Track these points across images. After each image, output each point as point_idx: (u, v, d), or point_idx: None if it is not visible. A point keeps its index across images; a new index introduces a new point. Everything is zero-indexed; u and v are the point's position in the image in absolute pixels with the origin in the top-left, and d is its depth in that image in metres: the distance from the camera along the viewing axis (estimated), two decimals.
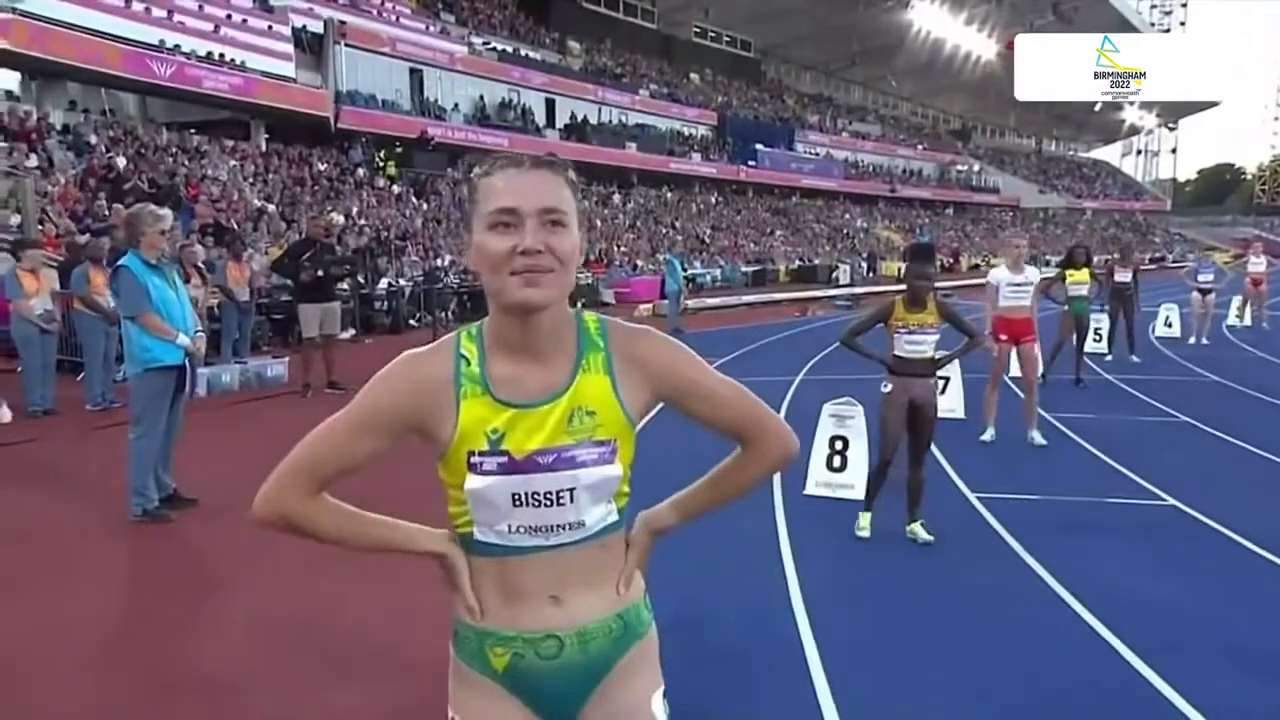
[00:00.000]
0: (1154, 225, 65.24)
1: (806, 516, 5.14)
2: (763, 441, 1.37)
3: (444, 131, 27.87)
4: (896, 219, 47.87)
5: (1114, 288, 11.05)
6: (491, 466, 1.22)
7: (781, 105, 48.23)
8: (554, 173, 1.24)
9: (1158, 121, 69.02)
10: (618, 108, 36.79)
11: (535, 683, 1.29)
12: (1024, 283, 6.80)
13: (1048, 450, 6.76)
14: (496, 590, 1.29)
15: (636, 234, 29.96)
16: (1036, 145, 67.90)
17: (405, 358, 1.29)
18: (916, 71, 53.27)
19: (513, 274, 1.19)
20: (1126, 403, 8.85)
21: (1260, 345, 13.21)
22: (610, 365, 1.27)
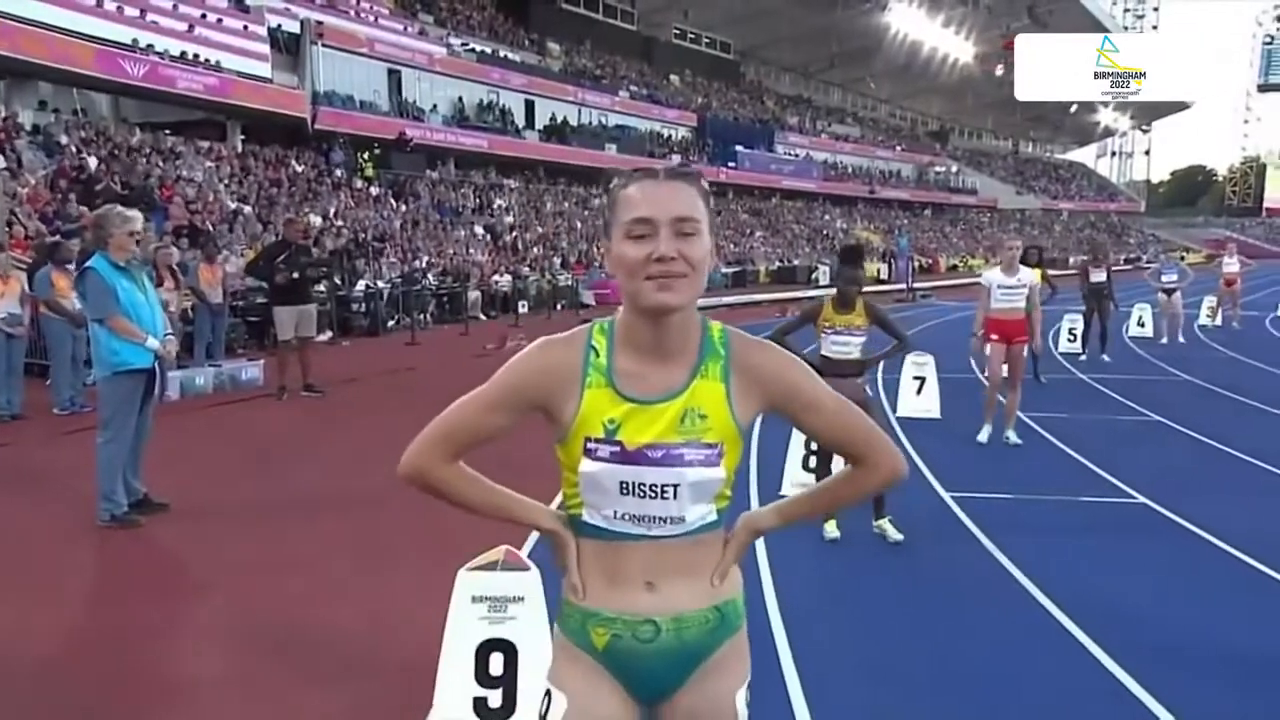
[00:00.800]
0: (1129, 226, 65.99)
1: None
2: (870, 460, 1.42)
3: (423, 133, 27.72)
4: (876, 220, 48.11)
5: (1089, 288, 11.16)
6: (605, 454, 1.30)
7: (761, 107, 48.37)
8: (687, 183, 1.32)
9: (1131, 123, 69.83)
10: (597, 109, 36.73)
11: (632, 663, 1.36)
12: (1016, 285, 6.82)
13: (1022, 449, 6.81)
14: (599, 572, 1.37)
15: None
16: (1013, 147, 68.51)
17: (542, 342, 1.38)
18: (894, 73, 53.61)
19: (648, 279, 1.26)
20: (1099, 402, 8.95)
21: (1231, 345, 13.41)
22: (727, 373, 1.34)
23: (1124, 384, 9.80)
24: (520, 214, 28.16)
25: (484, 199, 27.88)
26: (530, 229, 27.06)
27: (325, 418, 8.02)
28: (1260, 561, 4.36)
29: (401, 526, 4.86)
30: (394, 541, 4.74)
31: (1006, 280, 6.83)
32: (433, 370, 11.07)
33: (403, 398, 9.03)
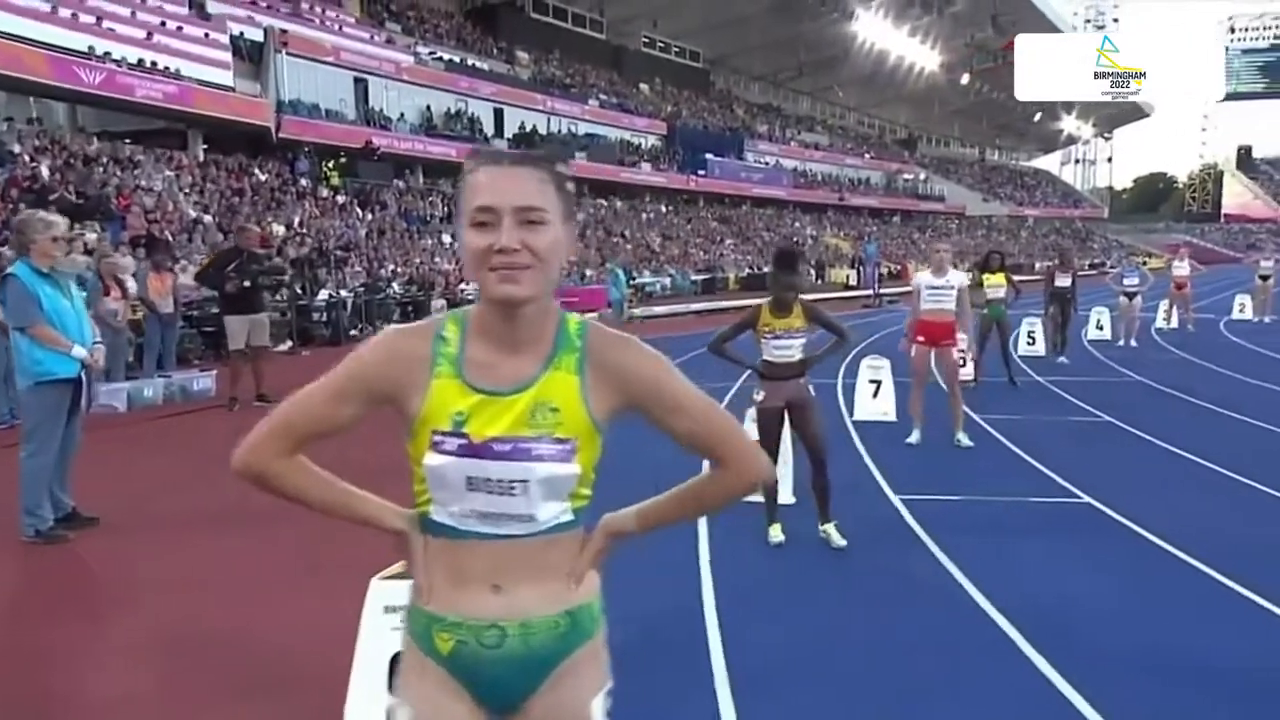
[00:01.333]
0: (1093, 232, 67.02)
1: (731, 521, 5.06)
2: (733, 465, 1.37)
3: (390, 141, 27.57)
4: (845, 227, 48.45)
5: (1054, 291, 11.24)
6: (451, 447, 1.25)
7: (731, 115, 48.61)
8: (536, 169, 1.26)
9: (1094, 131, 71.06)
10: (567, 117, 36.75)
11: (478, 670, 1.30)
12: (945, 286, 6.85)
13: (973, 451, 6.81)
14: (446, 574, 1.31)
15: (585, 243, 29.87)
16: (980, 155, 69.40)
17: (389, 331, 1.34)
18: (862, 82, 54.18)
19: (491, 270, 1.22)
20: (1053, 403, 8.99)
21: (1184, 347, 13.57)
22: (582, 367, 1.30)
23: (1079, 385, 9.87)
24: None
25: (452, 208, 27.61)
26: None
27: None
28: (1201, 561, 4.35)
29: (335, 536, 4.75)
30: (324, 552, 4.62)
31: (935, 281, 6.84)
32: None
33: None
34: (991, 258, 10.01)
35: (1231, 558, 4.34)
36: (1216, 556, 4.36)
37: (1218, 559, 4.33)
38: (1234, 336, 15.18)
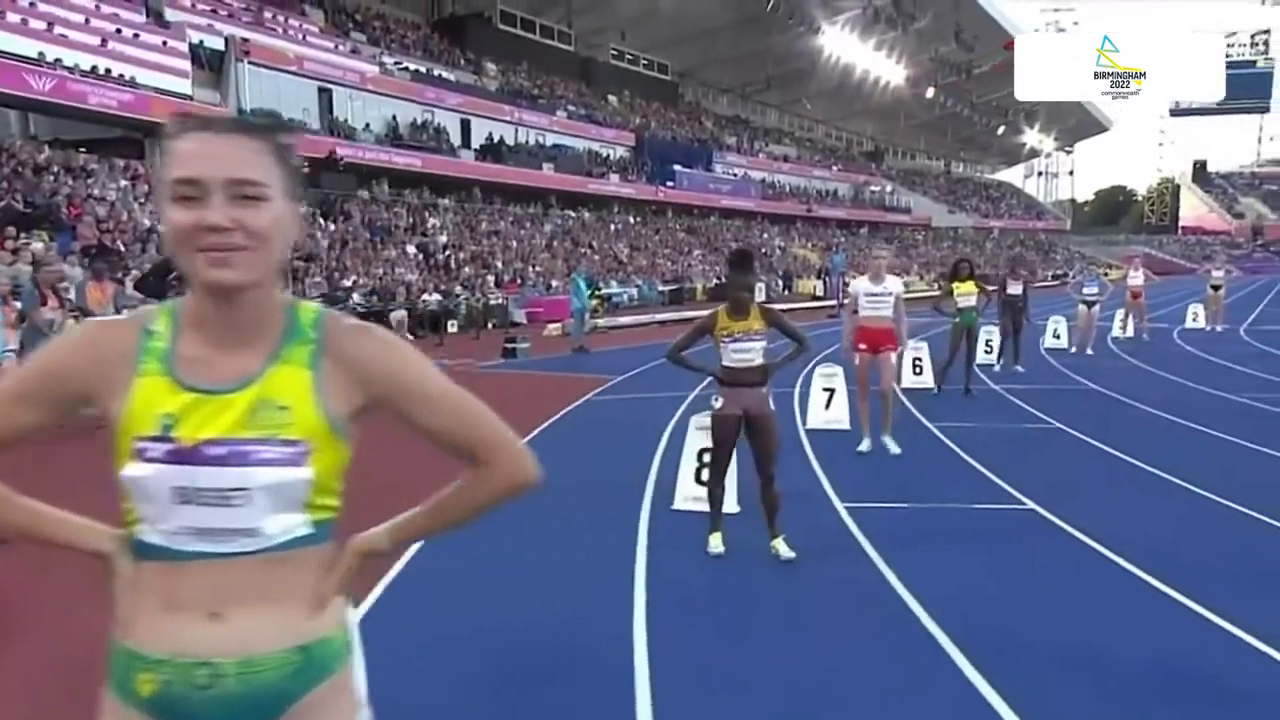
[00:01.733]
0: (1055, 244, 67.99)
1: (671, 533, 5.00)
2: (492, 464, 1.24)
3: (354, 152, 27.27)
4: (813, 238, 48.73)
5: (1004, 300, 11.30)
6: (157, 454, 1.09)
7: (699, 127, 48.78)
8: (252, 138, 1.11)
9: (1055, 145, 72.25)
10: (535, 128, 36.62)
11: (188, 715, 1.11)
12: (882, 293, 6.85)
13: (922, 458, 6.79)
14: (158, 603, 1.13)
15: (553, 254, 29.78)
16: (945, 167, 70.27)
17: (88, 323, 1.19)
18: (829, 95, 54.65)
19: (199, 251, 1.07)
20: (1006, 411, 9.02)
21: (1138, 355, 13.74)
22: (317, 361, 1.15)
23: (1033, 393, 9.92)
24: (454, 233, 27.84)
25: (417, 218, 27.50)
26: (464, 248, 26.76)
27: None
28: (1139, 567, 4.34)
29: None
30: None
31: (873, 289, 6.86)
32: None
33: None
34: (960, 266, 10.03)
35: (1169, 563, 4.33)
36: (1154, 562, 4.35)
37: (1155, 564, 4.32)
38: (1186, 345, 15.40)
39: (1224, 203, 73.27)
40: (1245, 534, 4.98)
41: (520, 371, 12.78)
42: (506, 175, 33.00)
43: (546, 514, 5.34)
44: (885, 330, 6.87)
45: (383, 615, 3.77)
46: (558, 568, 4.45)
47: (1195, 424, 8.08)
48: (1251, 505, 5.34)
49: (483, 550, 4.73)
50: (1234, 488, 5.70)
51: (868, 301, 6.86)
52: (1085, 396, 9.99)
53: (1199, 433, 7.80)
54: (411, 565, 4.47)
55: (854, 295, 7.00)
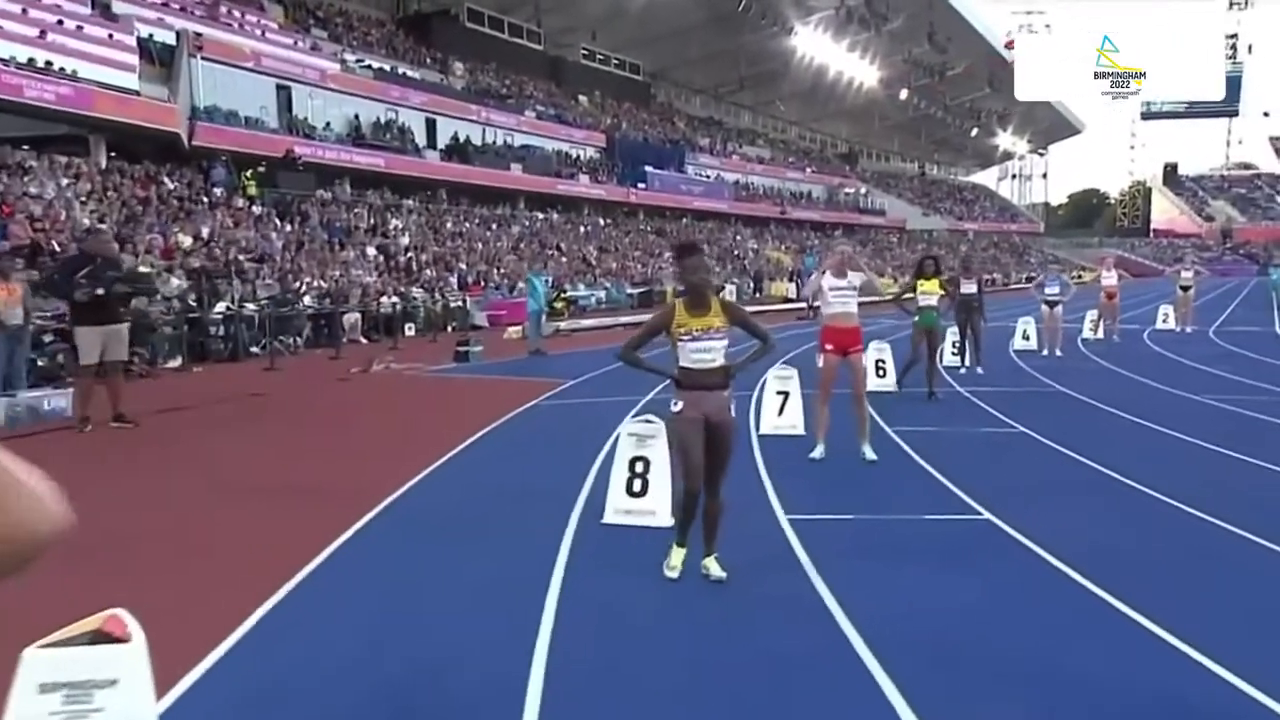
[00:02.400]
0: (1029, 246, 68.44)
1: (596, 549, 4.64)
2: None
3: (313, 150, 26.73)
4: (787, 240, 48.64)
5: (960, 299, 11.08)
6: None
7: (671, 128, 48.55)
8: None
9: (1029, 147, 72.79)
10: (503, 128, 36.23)
11: None
12: (846, 287, 6.56)
13: (876, 466, 6.48)
14: None
15: (519, 256, 29.36)
16: (920, 169, 70.56)
17: None
18: (802, 96, 54.65)
19: None
20: (969, 415, 8.76)
21: (1107, 357, 13.57)
22: None
23: (998, 396, 9.67)
24: (417, 235, 27.37)
25: (379, 219, 27.00)
26: (426, 249, 26.30)
27: (123, 453, 7.21)
28: (1090, 579, 4.06)
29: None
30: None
31: (837, 283, 6.59)
32: (281, 397, 10.31)
33: (226, 429, 8.29)
34: (925, 264, 9.75)
35: (1121, 575, 4.06)
36: (1106, 574, 4.08)
37: (1107, 576, 4.05)
38: (1156, 346, 15.29)
39: (1194, 205, 74.12)
40: (1201, 540, 4.74)
41: (470, 375, 12.40)
42: (473, 176, 32.57)
43: (466, 527, 4.99)
44: (854, 330, 6.57)
45: (262, 640, 3.40)
46: (465, 588, 4.09)
47: (1160, 426, 7.86)
48: (1209, 510, 5.11)
49: (389, 565, 4.36)
50: (1194, 491, 5.47)
51: (834, 296, 6.57)
52: (1050, 399, 9.76)
53: (1163, 435, 7.58)
54: (309, 580, 4.10)
55: (816, 286, 6.72)
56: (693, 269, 4.10)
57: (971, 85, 56.98)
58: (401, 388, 11.45)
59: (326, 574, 4.24)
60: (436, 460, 6.62)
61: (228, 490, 5.91)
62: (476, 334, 18.82)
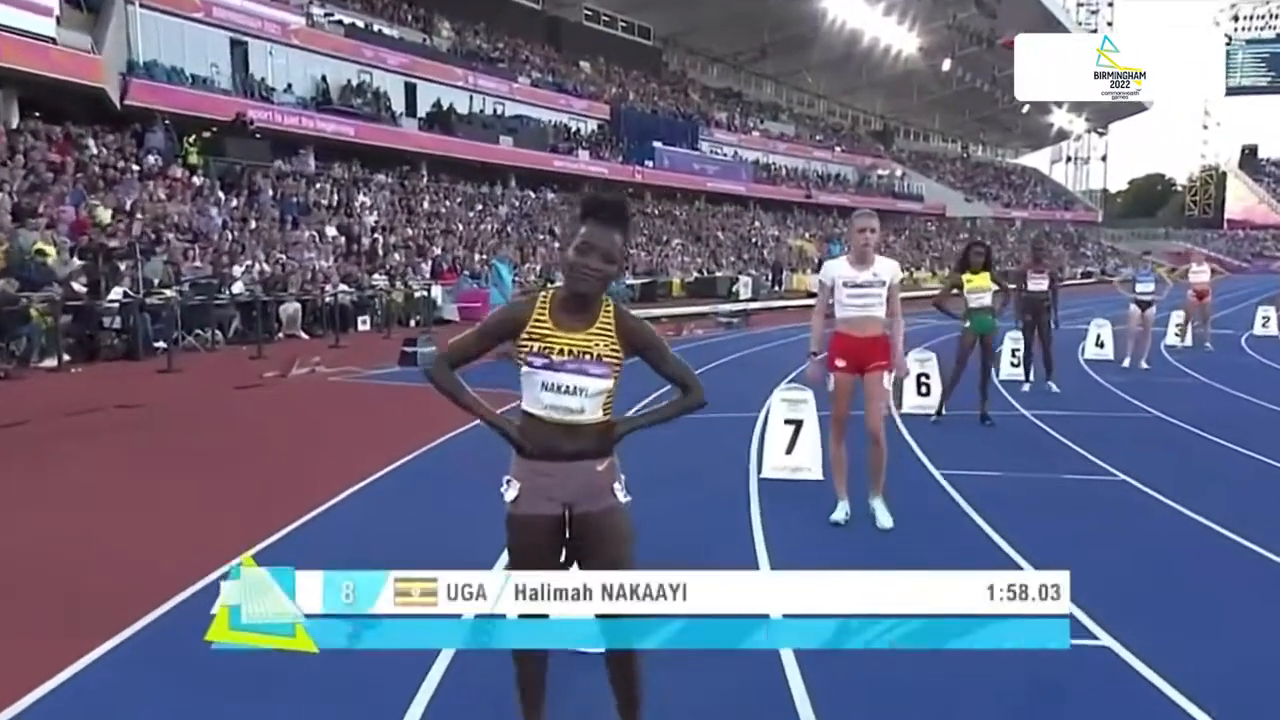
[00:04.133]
0: (1085, 237, 66.52)
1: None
2: None
3: (270, 115, 25.38)
4: (812, 227, 47.07)
5: (1026, 299, 9.48)
6: None
7: (684, 100, 47.09)
8: None
9: (1087, 126, 70.70)
10: (493, 96, 35.00)
11: None
12: (871, 282, 4.95)
13: (916, 528, 4.86)
14: None
15: (505, 240, 27.89)
16: (963, 150, 68.70)
17: None
18: (833, 66, 53.02)
19: None
20: (1043, 452, 7.13)
21: (1205, 370, 11.85)
22: None
23: (1078, 425, 8.03)
24: (387, 214, 25.95)
25: (345, 196, 25.56)
26: (397, 230, 24.85)
27: None
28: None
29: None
30: None
31: (856, 275, 4.94)
32: (156, 411, 8.80)
33: (32, 462, 6.76)
34: (973, 253, 8.22)
35: None
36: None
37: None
38: (1262, 357, 13.56)
39: (1275, 193, 71.78)
40: None
41: (412, 384, 10.89)
42: (456, 149, 31.27)
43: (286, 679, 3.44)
44: (875, 340, 4.98)
45: None
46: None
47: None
48: None
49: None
50: None
51: (849, 295, 4.97)
52: (1149, 429, 8.10)
53: None
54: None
55: (827, 285, 5.09)
56: (592, 246, 2.43)
57: None
58: (318, 399, 9.94)
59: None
60: (296, 520, 5.05)
61: None
62: (439, 330, 17.39)
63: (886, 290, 4.95)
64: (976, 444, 7.31)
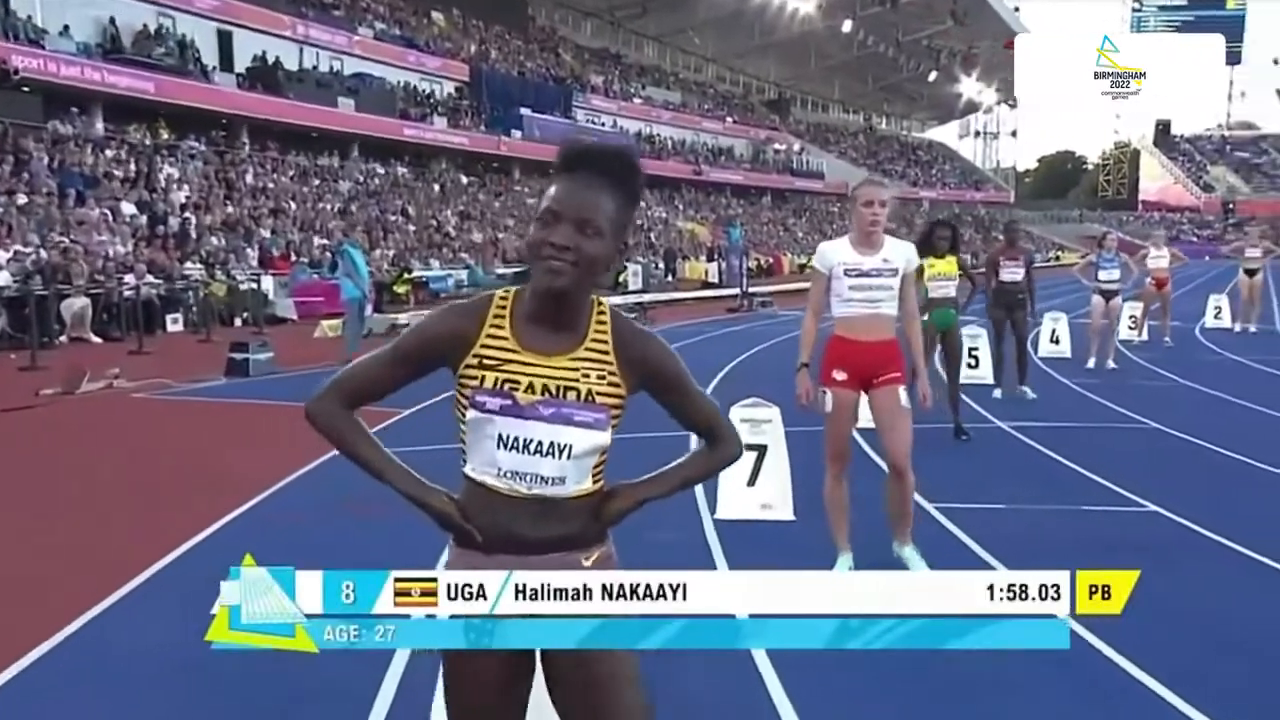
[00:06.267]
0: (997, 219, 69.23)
1: None
2: None
3: (41, 63, 23.53)
4: (703, 207, 47.21)
5: (999, 290, 9.22)
6: None
7: (555, 60, 46.62)
8: None
9: (997, 98, 73.61)
10: (329, 50, 33.96)
11: None
12: (880, 270, 4.35)
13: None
14: None
15: (350, 222, 26.56)
16: (865, 122, 70.44)
17: None
18: (721, 26, 53.47)
19: None
20: (1046, 474, 6.76)
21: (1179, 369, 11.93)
22: None
23: (1069, 439, 7.73)
24: (200, 189, 24.35)
25: (146, 166, 23.80)
26: (213, 210, 23.30)
27: None
28: None
29: None
30: None
31: (862, 261, 4.33)
32: None
33: None
34: (937, 235, 7.85)
35: None
36: None
37: None
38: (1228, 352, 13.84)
39: (1191, 172, 76.45)
40: None
41: (244, 400, 9.84)
42: (285, 112, 30.06)
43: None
44: (884, 345, 4.38)
45: None
46: None
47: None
48: None
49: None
50: None
51: (852, 287, 4.35)
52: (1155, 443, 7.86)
53: None
54: None
55: (824, 273, 4.43)
56: (559, 213, 1.76)
57: (930, 17, 56.88)
58: (119, 425, 8.79)
59: None
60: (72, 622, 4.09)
61: None
62: (274, 330, 16.24)
63: (899, 281, 4.37)
64: (963, 467, 6.89)
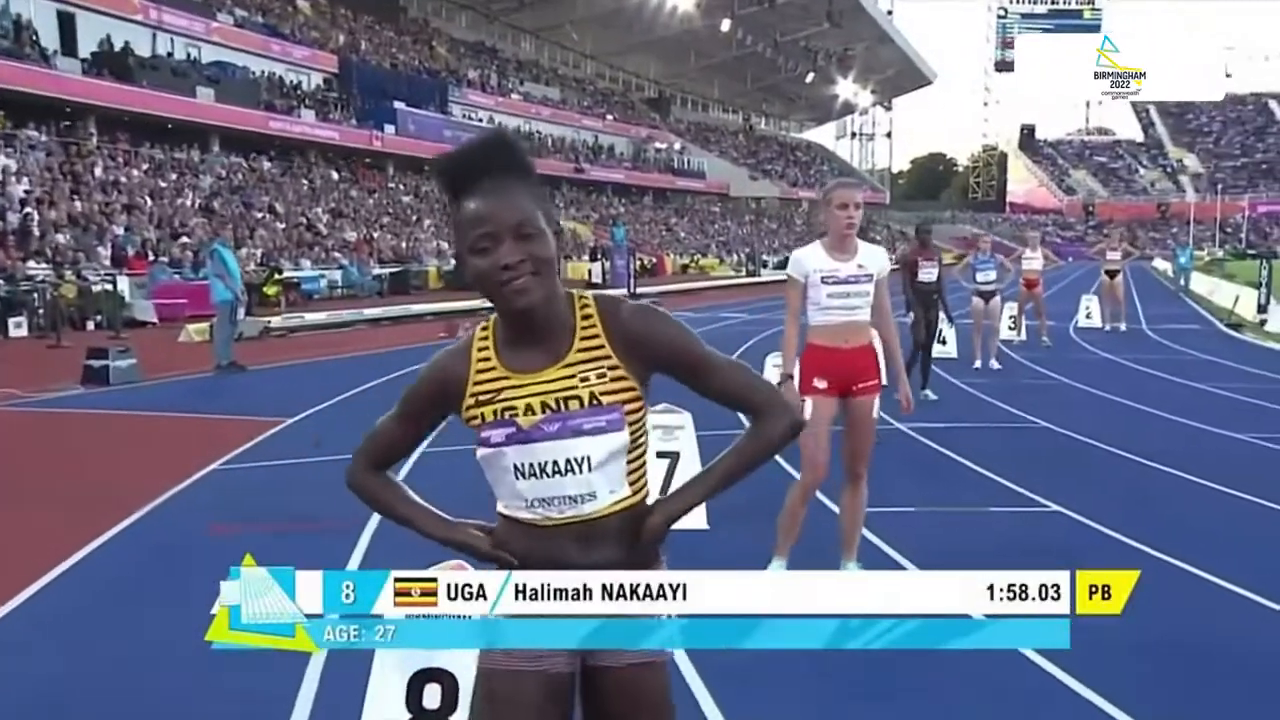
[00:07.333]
0: (874, 220, 71.16)
1: None
2: None
3: None
4: (585, 206, 47.13)
5: (916, 291, 9.45)
6: None
7: (429, 54, 45.91)
8: None
9: (873, 100, 75.76)
10: (185, 36, 32.74)
11: None
12: (856, 277, 4.36)
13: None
14: None
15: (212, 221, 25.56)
16: (745, 122, 71.48)
17: None
18: (600, 22, 53.52)
19: None
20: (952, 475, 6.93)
21: (1060, 368, 12.44)
22: None
23: (968, 440, 7.96)
24: (43, 182, 23.10)
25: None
26: (58, 205, 22.12)
27: None
28: None
29: None
30: None
31: (836, 268, 4.36)
32: None
33: None
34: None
35: None
36: None
37: None
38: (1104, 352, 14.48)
39: (1054, 175, 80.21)
40: None
41: (107, 410, 9.33)
42: (137, 101, 28.83)
43: None
44: (862, 351, 4.40)
45: None
46: None
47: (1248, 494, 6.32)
48: None
49: None
50: None
51: (830, 294, 4.33)
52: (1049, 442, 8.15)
53: (1268, 510, 6.02)
54: None
55: (800, 280, 4.40)
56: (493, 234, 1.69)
57: (807, 18, 58.07)
58: None
59: None
60: None
61: None
62: (134, 334, 15.51)
63: (874, 286, 4.39)
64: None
